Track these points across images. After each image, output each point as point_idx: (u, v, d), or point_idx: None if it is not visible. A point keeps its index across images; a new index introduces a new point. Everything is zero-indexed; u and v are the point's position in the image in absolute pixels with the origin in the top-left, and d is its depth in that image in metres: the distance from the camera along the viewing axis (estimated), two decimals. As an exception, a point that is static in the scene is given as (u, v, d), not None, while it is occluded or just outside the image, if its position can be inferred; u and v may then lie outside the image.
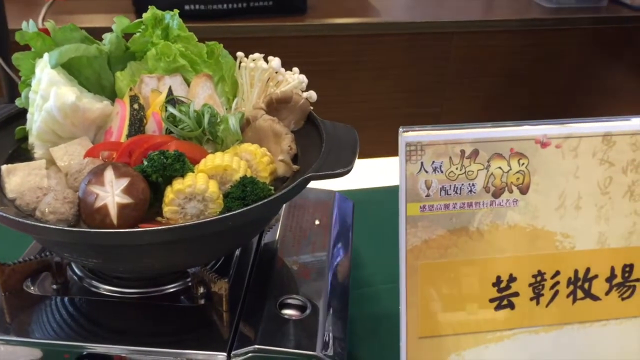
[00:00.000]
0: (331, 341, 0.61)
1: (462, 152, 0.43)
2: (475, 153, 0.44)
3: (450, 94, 2.18)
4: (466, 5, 2.26)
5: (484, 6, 2.34)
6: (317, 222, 0.78)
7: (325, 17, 2.00)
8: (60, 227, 0.54)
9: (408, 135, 0.43)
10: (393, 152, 0.45)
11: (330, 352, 0.59)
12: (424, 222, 0.44)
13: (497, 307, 0.46)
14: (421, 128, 0.43)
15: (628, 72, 2.29)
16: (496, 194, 0.44)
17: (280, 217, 0.79)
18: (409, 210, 0.43)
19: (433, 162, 0.43)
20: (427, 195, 0.44)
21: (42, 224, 0.54)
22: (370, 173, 1.02)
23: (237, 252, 0.72)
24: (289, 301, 0.65)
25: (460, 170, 0.44)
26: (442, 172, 0.43)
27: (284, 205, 0.80)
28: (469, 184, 0.44)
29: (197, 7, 1.83)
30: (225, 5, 1.87)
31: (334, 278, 0.70)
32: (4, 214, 0.54)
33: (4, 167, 0.62)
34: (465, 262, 0.45)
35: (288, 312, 0.64)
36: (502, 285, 0.46)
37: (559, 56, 2.20)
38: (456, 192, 0.44)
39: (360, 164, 0.99)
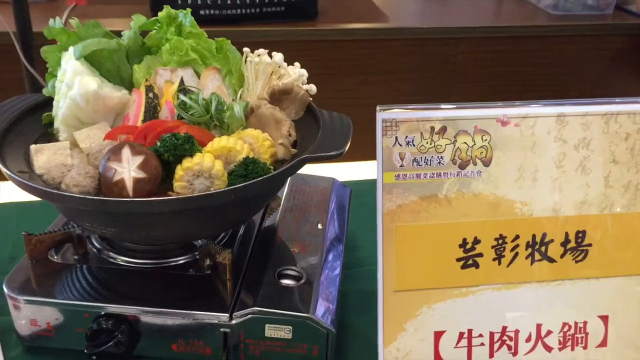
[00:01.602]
0: (323, 306, 0.67)
1: (432, 128, 0.50)
2: (444, 129, 0.50)
3: (457, 98, 2.23)
4: (473, 12, 2.32)
5: (491, 13, 2.39)
6: (315, 204, 0.84)
7: (335, 22, 2.07)
8: (83, 196, 0.61)
9: (384, 113, 0.49)
10: None
11: (321, 315, 0.66)
12: (398, 189, 0.50)
13: (463, 266, 0.52)
14: (396, 107, 0.49)
15: (633, 79, 2.33)
16: (462, 166, 0.51)
17: (282, 202, 0.86)
18: (385, 178, 0.50)
19: (406, 136, 0.50)
20: (401, 166, 0.50)
21: (68, 193, 0.61)
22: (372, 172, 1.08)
23: (241, 231, 0.79)
24: (286, 272, 0.71)
25: (430, 144, 0.50)
26: (414, 145, 0.50)
27: (286, 190, 0.87)
28: (438, 157, 0.50)
29: (212, 12, 1.91)
30: (238, 11, 1.95)
31: (328, 254, 0.76)
32: (36, 185, 0.62)
33: (33, 146, 0.69)
34: (435, 225, 0.51)
35: (285, 281, 0.70)
36: (468, 246, 0.52)
37: (564, 63, 2.25)
38: (426, 164, 0.50)
39: (365, 165, 1.05)
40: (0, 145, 0.68)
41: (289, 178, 0.88)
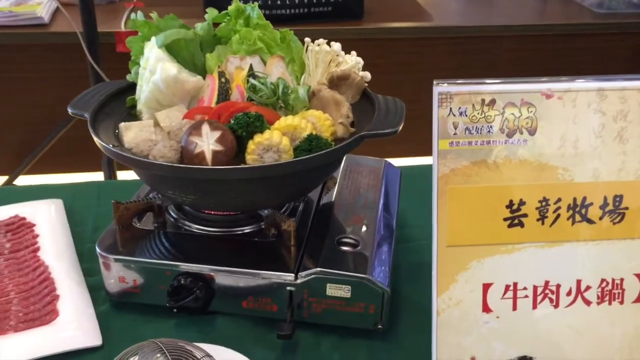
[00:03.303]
0: (378, 269, 0.74)
1: (483, 100, 0.56)
2: (493, 102, 0.56)
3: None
4: (517, 10, 2.35)
5: (535, 11, 2.41)
6: (368, 183, 0.91)
7: (381, 21, 2.13)
8: (172, 164, 0.69)
9: (440, 87, 0.56)
10: None
11: (377, 276, 0.72)
12: (451, 155, 0.57)
13: (510, 225, 0.58)
14: (450, 82, 0.56)
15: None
16: (509, 135, 0.57)
17: (337, 180, 0.93)
18: (440, 145, 0.56)
19: (459, 107, 0.56)
20: (455, 134, 0.56)
21: (160, 162, 0.69)
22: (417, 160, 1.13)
23: (301, 207, 0.86)
24: (344, 239, 0.78)
25: (481, 115, 0.56)
26: (466, 116, 0.56)
27: (341, 170, 0.94)
28: (488, 126, 0.57)
29: (262, 12, 2.00)
30: (287, 11, 2.03)
31: (381, 225, 0.83)
32: (133, 156, 0.71)
33: (122, 124, 0.78)
34: (484, 188, 0.57)
35: (343, 247, 0.77)
36: (514, 207, 0.58)
37: (609, 61, 2.25)
38: (477, 132, 0.56)
39: (406, 162, 1.10)
40: (93, 124, 0.78)
41: (345, 159, 0.95)
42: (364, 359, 0.72)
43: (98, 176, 2.02)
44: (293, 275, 0.73)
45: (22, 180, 2.04)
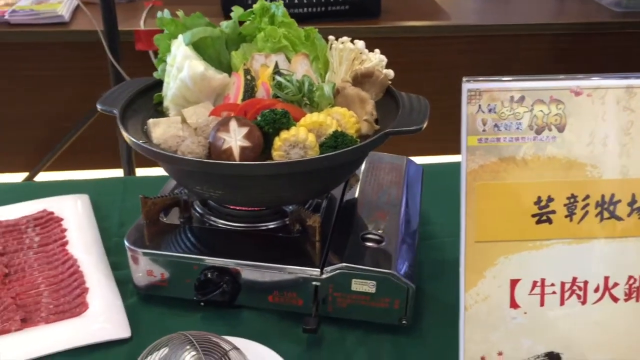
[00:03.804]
0: (403, 265, 0.74)
1: (512, 97, 0.57)
2: (522, 99, 0.57)
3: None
4: (535, 9, 2.34)
5: (552, 10, 2.40)
6: (391, 179, 0.92)
7: (398, 20, 2.14)
8: (201, 159, 0.70)
9: (469, 84, 0.56)
10: (459, 150, 0.55)
11: (402, 272, 0.73)
12: (480, 151, 0.57)
13: (538, 222, 0.58)
14: (480, 79, 0.56)
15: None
16: (538, 131, 0.57)
17: (360, 177, 0.93)
18: (469, 141, 0.57)
19: (488, 104, 0.56)
20: (483, 130, 0.57)
21: (188, 157, 0.71)
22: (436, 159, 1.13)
23: (324, 203, 0.87)
24: (368, 235, 0.79)
25: (510, 111, 0.57)
26: (495, 112, 0.57)
27: (363, 167, 0.95)
28: (517, 123, 0.57)
29: (280, 11, 2.02)
30: (305, 9, 2.04)
31: (405, 222, 0.83)
32: (163, 152, 0.72)
33: (150, 120, 0.79)
34: (512, 184, 0.58)
35: (368, 243, 0.78)
36: (542, 204, 0.58)
37: (627, 60, 2.24)
38: (506, 129, 0.57)
39: (423, 160, 1.11)
40: (122, 120, 0.79)
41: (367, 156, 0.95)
42: (388, 354, 0.73)
43: (117, 173, 2.04)
44: (319, 270, 0.73)
45: (42, 177, 2.07)
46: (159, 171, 0.84)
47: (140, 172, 2.01)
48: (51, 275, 0.80)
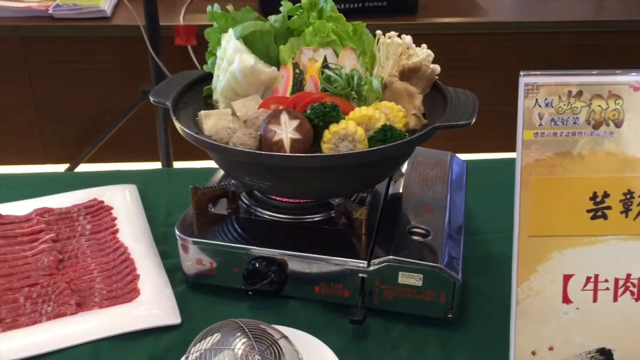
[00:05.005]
0: (450, 259, 0.75)
1: (569, 92, 0.56)
2: (580, 93, 0.56)
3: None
4: (575, 5, 2.31)
5: (592, 6, 2.36)
6: (435, 174, 0.92)
7: (435, 16, 2.13)
8: (252, 151, 0.72)
9: (527, 78, 0.56)
10: (494, 147, 0.55)
11: (449, 266, 0.73)
12: (536, 145, 0.57)
13: (593, 217, 0.58)
14: (537, 73, 0.56)
15: None
16: (595, 126, 0.57)
17: (404, 173, 0.94)
18: (525, 135, 0.57)
19: (545, 99, 0.56)
20: (540, 125, 0.57)
21: (241, 149, 0.72)
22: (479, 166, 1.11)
23: (369, 196, 0.87)
24: (414, 229, 0.80)
25: (567, 106, 0.57)
26: (552, 107, 0.57)
27: (407, 162, 0.95)
28: (574, 117, 0.57)
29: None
30: (343, 5, 2.05)
31: (451, 216, 0.83)
32: (216, 143, 0.73)
33: (202, 112, 0.81)
34: (568, 179, 0.58)
35: (414, 237, 0.78)
36: (598, 199, 0.58)
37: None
38: (563, 123, 0.57)
39: (463, 157, 1.10)
40: (175, 112, 0.80)
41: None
42: (434, 347, 0.73)
43: (155, 165, 2.08)
44: (366, 262, 0.74)
45: (82, 169, 2.12)
46: (196, 163, 0.85)
47: (178, 164, 2.05)
48: (103, 262, 0.82)
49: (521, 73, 0.56)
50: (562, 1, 2.38)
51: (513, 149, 0.58)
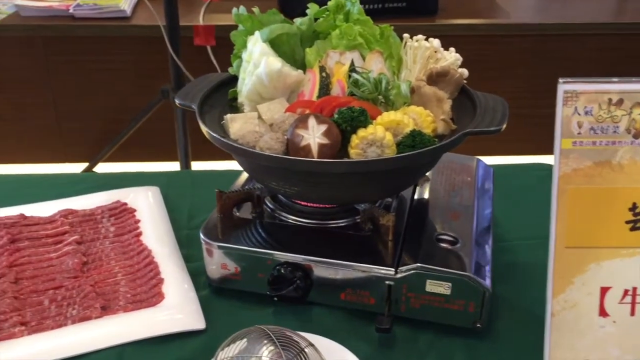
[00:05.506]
0: (479, 267, 0.73)
1: (610, 100, 0.55)
2: (620, 101, 0.55)
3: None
4: (597, 7, 2.27)
5: (615, 8, 2.33)
6: (462, 180, 0.91)
7: (455, 17, 2.11)
8: (279, 155, 0.71)
9: (566, 85, 0.55)
10: (516, 150, 0.54)
11: (479, 275, 0.72)
12: (574, 154, 0.56)
13: (632, 229, 0.57)
14: (577, 80, 0.55)
15: None
16: (636, 135, 0.55)
17: (430, 178, 0.92)
18: (563, 144, 0.56)
19: (585, 107, 0.55)
20: (579, 133, 0.55)
21: (268, 154, 0.71)
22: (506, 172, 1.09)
23: (394, 202, 0.86)
24: (442, 236, 0.78)
25: (607, 114, 0.55)
26: (592, 115, 0.55)
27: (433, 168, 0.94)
28: (614, 126, 0.55)
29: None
30: (363, 6, 2.03)
31: (479, 223, 0.82)
32: (243, 147, 0.73)
33: (228, 115, 0.80)
34: (607, 189, 0.56)
35: (442, 244, 0.77)
36: (638, 210, 0.56)
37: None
38: (602, 132, 0.55)
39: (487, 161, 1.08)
40: (201, 115, 0.80)
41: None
42: (461, 356, 0.72)
43: (173, 166, 2.08)
44: (393, 269, 0.73)
45: (101, 168, 2.13)
46: (215, 164, 0.84)
47: (196, 165, 2.05)
48: (127, 265, 0.82)
49: (560, 80, 0.55)
50: (584, 3, 2.35)
51: (533, 152, 0.57)
